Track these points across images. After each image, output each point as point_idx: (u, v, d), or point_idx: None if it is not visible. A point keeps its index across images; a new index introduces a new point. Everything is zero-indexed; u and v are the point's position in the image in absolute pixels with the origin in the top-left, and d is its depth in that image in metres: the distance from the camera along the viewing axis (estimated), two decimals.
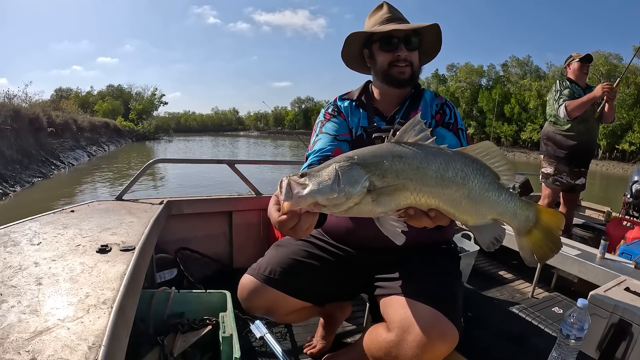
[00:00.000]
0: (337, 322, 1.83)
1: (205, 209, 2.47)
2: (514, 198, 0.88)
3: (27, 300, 0.89)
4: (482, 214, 0.86)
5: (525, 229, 0.92)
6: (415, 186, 0.80)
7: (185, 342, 1.46)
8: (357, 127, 1.46)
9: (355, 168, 0.77)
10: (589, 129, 3.30)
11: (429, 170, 0.80)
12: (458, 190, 0.82)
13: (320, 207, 0.77)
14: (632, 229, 3.12)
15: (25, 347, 0.72)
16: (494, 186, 0.85)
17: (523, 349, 1.36)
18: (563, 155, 3.31)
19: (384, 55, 1.40)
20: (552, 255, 0.94)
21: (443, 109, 1.44)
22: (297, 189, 0.75)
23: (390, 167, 0.79)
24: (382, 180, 0.78)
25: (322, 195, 0.75)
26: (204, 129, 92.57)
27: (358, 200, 0.77)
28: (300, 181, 0.76)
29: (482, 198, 0.84)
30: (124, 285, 1.02)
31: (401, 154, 0.81)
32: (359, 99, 1.51)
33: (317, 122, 1.52)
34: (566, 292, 2.34)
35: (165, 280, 2.16)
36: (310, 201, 0.75)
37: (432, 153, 0.82)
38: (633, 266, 1.91)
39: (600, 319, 1.49)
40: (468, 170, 0.83)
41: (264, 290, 1.33)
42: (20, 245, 1.23)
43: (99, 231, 1.47)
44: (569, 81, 3.27)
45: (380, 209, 0.81)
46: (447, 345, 1.06)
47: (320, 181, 0.76)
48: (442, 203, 0.83)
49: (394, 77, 1.39)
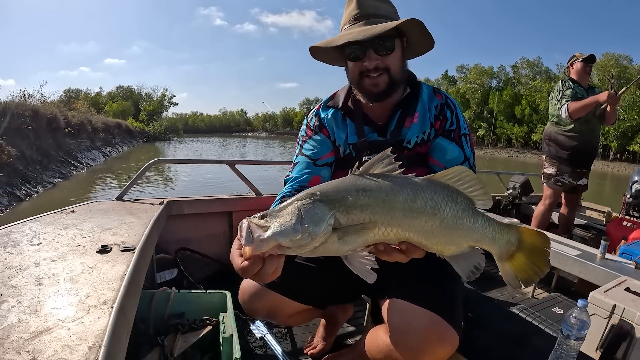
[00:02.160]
0: (339, 323, 1.83)
1: (206, 209, 2.47)
2: (492, 223, 0.83)
3: (28, 301, 0.89)
4: (458, 243, 0.82)
5: (507, 253, 0.87)
6: (382, 220, 0.76)
7: (185, 342, 1.46)
8: (345, 145, 1.32)
9: (318, 205, 0.73)
10: (592, 129, 3.31)
11: (396, 202, 0.76)
12: (429, 220, 0.77)
13: (284, 250, 0.73)
14: (632, 229, 3.12)
15: (25, 348, 0.72)
16: (468, 213, 0.80)
17: (523, 349, 1.36)
18: (565, 155, 3.31)
19: (352, 65, 1.22)
20: (537, 279, 0.89)
21: (443, 112, 1.28)
22: (258, 232, 0.71)
23: (355, 202, 0.74)
24: (347, 216, 0.74)
25: (285, 237, 0.70)
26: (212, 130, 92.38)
27: (324, 240, 0.73)
28: (261, 223, 0.73)
29: (456, 226, 0.79)
30: (124, 285, 1.02)
31: (365, 187, 0.76)
32: (345, 105, 1.34)
33: (299, 135, 1.39)
34: (566, 292, 2.34)
35: (165, 281, 2.16)
36: (273, 244, 0.71)
37: (399, 184, 0.77)
38: (633, 266, 1.91)
39: (600, 319, 1.49)
40: (438, 199, 0.78)
41: (265, 293, 1.32)
42: (20, 245, 1.23)
43: (99, 231, 1.47)
44: (571, 81, 3.27)
45: (347, 247, 0.76)
46: (447, 349, 1.06)
47: (282, 222, 0.72)
48: (413, 235, 0.79)
49: (366, 91, 1.22)
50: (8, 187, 9.30)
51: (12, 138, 10.94)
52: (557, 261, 2.16)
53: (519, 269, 0.88)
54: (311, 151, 1.32)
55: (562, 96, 3.24)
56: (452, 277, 1.30)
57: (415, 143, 1.26)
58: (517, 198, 4.01)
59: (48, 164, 12.69)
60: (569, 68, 3.42)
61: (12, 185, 9.54)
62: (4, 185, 9.17)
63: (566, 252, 2.11)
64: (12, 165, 10.06)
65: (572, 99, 3.16)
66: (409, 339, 1.07)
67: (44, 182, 11.17)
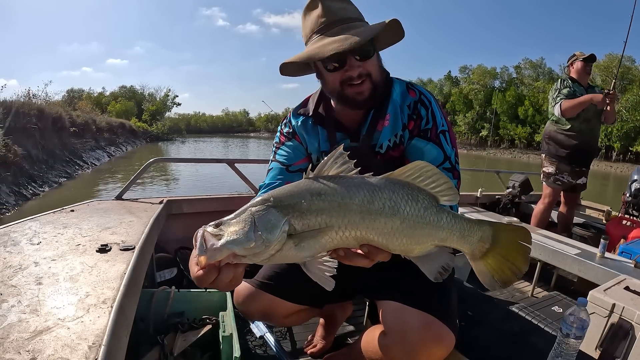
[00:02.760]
0: (338, 322, 1.82)
1: (205, 208, 2.47)
2: (459, 220, 0.79)
3: (27, 300, 0.89)
4: (422, 243, 0.78)
5: (480, 251, 0.82)
6: (339, 224, 0.73)
7: (185, 341, 1.47)
8: (318, 152, 1.28)
9: (271, 212, 0.70)
10: (592, 128, 3.30)
11: (352, 205, 0.73)
12: (388, 221, 0.74)
13: (239, 258, 0.70)
14: (632, 228, 3.12)
15: (25, 347, 0.72)
16: (432, 210, 0.76)
17: (523, 347, 1.36)
18: (564, 154, 3.31)
19: (332, 76, 1.13)
20: (515, 279, 0.84)
21: (417, 110, 1.19)
22: (212, 241, 0.69)
23: (309, 207, 0.71)
24: (302, 222, 0.71)
25: (238, 245, 0.68)
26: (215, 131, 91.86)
27: (279, 247, 0.70)
28: (215, 232, 0.70)
29: (419, 226, 0.76)
30: (124, 284, 1.02)
31: (320, 190, 0.73)
32: (316, 113, 1.28)
33: (274, 142, 1.36)
34: (566, 291, 2.35)
35: (165, 280, 2.16)
36: (227, 253, 0.69)
37: (355, 185, 0.74)
38: (633, 265, 1.91)
39: (600, 318, 1.49)
40: (397, 198, 0.74)
41: (259, 295, 1.33)
42: (20, 245, 1.23)
43: (99, 231, 1.47)
44: (571, 80, 3.27)
45: (304, 254, 0.74)
46: (443, 350, 1.07)
47: (235, 230, 0.70)
48: (374, 238, 0.75)
49: (350, 100, 1.14)
50: (15, 186, 9.30)
51: (18, 137, 10.89)
52: (557, 260, 2.16)
53: (495, 268, 0.83)
54: (284, 157, 1.29)
55: (558, 95, 3.26)
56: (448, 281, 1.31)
57: (388, 147, 1.20)
58: (516, 197, 4.01)
59: (54, 164, 12.68)
60: (569, 67, 3.41)
61: (18, 185, 9.52)
62: (10, 184, 9.16)
63: (566, 251, 2.11)
64: (18, 165, 10.04)
65: (567, 98, 3.18)
66: (404, 341, 1.07)
67: (49, 182, 11.15)
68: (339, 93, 1.14)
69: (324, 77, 1.16)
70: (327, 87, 1.18)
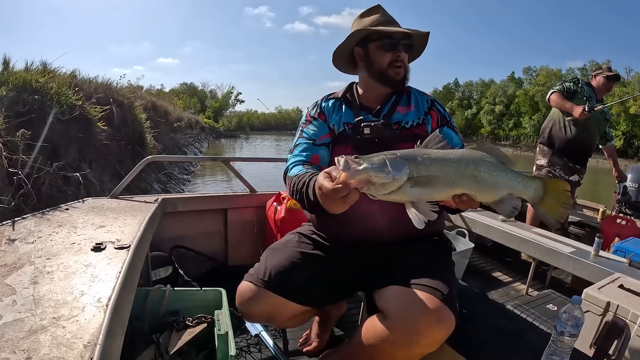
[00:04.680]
0: (333, 320, 1.83)
1: (200, 206, 2.47)
2: (520, 175, 1.06)
3: (22, 299, 0.88)
4: (497, 192, 1.03)
5: (537, 198, 1.08)
6: (442, 175, 0.96)
7: (180, 340, 1.46)
8: (339, 124, 1.47)
9: (398, 159, 0.92)
10: (588, 127, 3.36)
11: (450, 163, 0.98)
12: (472, 177, 0.99)
13: (369, 185, 0.90)
14: (626, 226, 3.14)
15: (20, 346, 0.71)
16: (500, 168, 1.03)
17: (518, 345, 1.37)
18: (558, 146, 3.40)
19: (384, 55, 1.42)
20: (566, 213, 1.12)
21: (435, 106, 1.50)
22: (354, 165, 0.88)
23: (422, 161, 0.95)
24: (417, 170, 0.93)
25: (375, 173, 0.88)
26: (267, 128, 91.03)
27: (400, 185, 0.91)
28: (356, 160, 0.89)
29: (493, 180, 1.01)
30: (119, 283, 1.02)
31: (429, 153, 0.98)
32: (344, 96, 1.53)
33: (300, 123, 1.55)
34: (561, 289, 2.36)
35: (160, 278, 2.15)
36: (364, 176, 0.88)
37: (451, 152, 1.01)
38: (627, 263, 1.92)
39: (594, 316, 1.50)
40: (477, 161, 1.00)
41: (264, 295, 1.32)
42: (14, 243, 1.23)
43: (94, 229, 1.46)
44: (587, 86, 3.40)
45: (416, 194, 0.95)
46: (444, 331, 1.09)
47: (373, 162, 0.89)
48: (464, 189, 1.00)
49: (390, 78, 1.43)
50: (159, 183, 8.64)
51: None
52: (552, 258, 2.17)
53: (551, 208, 1.09)
54: (311, 133, 1.46)
55: (561, 84, 3.42)
56: (445, 263, 1.39)
57: (412, 125, 1.45)
58: None
59: None
60: (593, 77, 3.52)
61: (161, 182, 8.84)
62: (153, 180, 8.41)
63: (560, 249, 2.12)
64: None
65: (563, 92, 3.35)
66: (407, 322, 1.09)
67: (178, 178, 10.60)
68: (382, 72, 1.43)
69: (372, 57, 1.44)
70: (374, 65, 1.44)
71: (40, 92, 4.62)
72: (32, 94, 4.49)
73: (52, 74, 5.36)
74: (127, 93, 8.72)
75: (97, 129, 5.81)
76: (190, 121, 24.76)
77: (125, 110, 7.79)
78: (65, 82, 5.39)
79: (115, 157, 6.69)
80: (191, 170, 12.45)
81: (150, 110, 12.01)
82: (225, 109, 55.63)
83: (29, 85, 4.55)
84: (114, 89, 8.00)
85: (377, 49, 1.43)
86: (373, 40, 1.43)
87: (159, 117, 12.90)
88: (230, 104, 57.71)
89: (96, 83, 7.51)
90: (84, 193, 4.61)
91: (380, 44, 1.42)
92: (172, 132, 15.61)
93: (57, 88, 4.95)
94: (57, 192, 4.17)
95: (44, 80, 4.85)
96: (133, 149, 7.76)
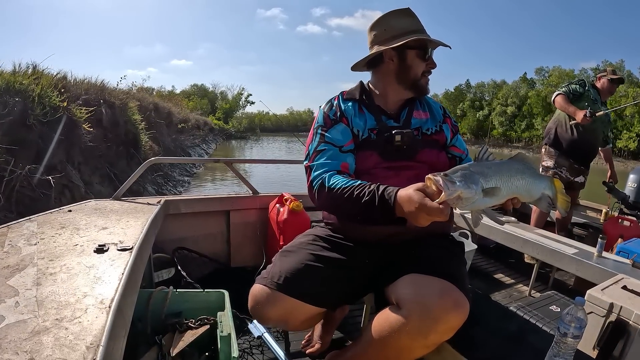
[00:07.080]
0: (336, 322, 1.83)
1: (203, 208, 2.47)
2: (548, 180, 1.28)
3: (25, 301, 0.89)
4: (535, 193, 1.24)
5: (554, 194, 1.29)
6: (503, 185, 1.11)
7: (183, 341, 1.46)
8: (364, 130, 1.45)
9: (474, 174, 1.03)
10: (594, 129, 3.37)
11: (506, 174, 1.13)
12: (519, 183, 1.17)
13: (456, 200, 0.99)
14: (629, 227, 3.13)
15: (23, 348, 0.72)
16: (535, 174, 1.22)
17: (520, 347, 1.36)
18: (564, 147, 3.40)
19: (420, 64, 1.46)
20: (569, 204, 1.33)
21: (446, 114, 1.59)
22: (449, 184, 0.98)
23: (489, 174, 1.08)
24: (486, 182, 1.06)
25: (465, 190, 0.98)
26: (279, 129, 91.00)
27: (478, 197, 1.03)
28: (449, 179, 0.99)
29: (533, 184, 1.21)
30: (121, 285, 1.02)
31: (492, 166, 1.12)
32: (362, 99, 1.51)
33: (317, 124, 1.48)
34: (563, 290, 2.35)
35: (162, 280, 2.16)
36: (458, 194, 0.98)
37: (505, 164, 1.17)
38: (630, 264, 1.91)
39: (597, 317, 1.49)
40: (523, 170, 1.19)
41: (278, 298, 1.31)
42: (17, 245, 1.23)
43: (97, 231, 1.46)
44: (594, 88, 3.43)
45: (487, 202, 1.08)
46: (461, 316, 1.09)
47: (461, 180, 0.99)
48: (516, 194, 1.17)
49: (421, 86, 1.49)
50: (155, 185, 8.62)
51: None
52: (555, 259, 2.16)
53: (562, 202, 1.31)
54: (337, 139, 1.42)
55: (567, 86, 3.45)
56: (458, 255, 1.46)
57: (431, 132, 1.52)
58: None
59: None
60: (597, 78, 3.57)
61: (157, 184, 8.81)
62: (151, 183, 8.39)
63: (563, 250, 2.11)
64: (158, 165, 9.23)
65: (568, 94, 3.38)
66: (422, 307, 1.08)
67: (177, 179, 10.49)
68: (416, 79, 1.47)
69: (409, 64, 1.45)
70: (409, 72, 1.46)
71: (22, 93, 4.55)
72: (14, 96, 4.42)
73: (37, 75, 5.27)
74: (120, 94, 8.61)
75: (83, 131, 5.70)
76: (198, 122, 24.61)
77: (117, 111, 7.67)
78: (51, 83, 5.30)
79: (106, 158, 6.62)
80: (193, 172, 12.40)
81: (152, 111, 11.97)
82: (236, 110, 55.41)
83: (12, 87, 4.49)
84: (106, 90, 7.88)
85: (416, 57, 1.44)
86: (412, 47, 1.43)
87: (160, 118, 12.84)
88: (241, 105, 57.60)
89: (87, 84, 7.37)
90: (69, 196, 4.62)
91: (419, 53, 1.44)
92: (175, 134, 15.53)
93: (41, 90, 4.85)
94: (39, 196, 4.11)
95: (27, 82, 4.77)
96: (127, 151, 7.71)
